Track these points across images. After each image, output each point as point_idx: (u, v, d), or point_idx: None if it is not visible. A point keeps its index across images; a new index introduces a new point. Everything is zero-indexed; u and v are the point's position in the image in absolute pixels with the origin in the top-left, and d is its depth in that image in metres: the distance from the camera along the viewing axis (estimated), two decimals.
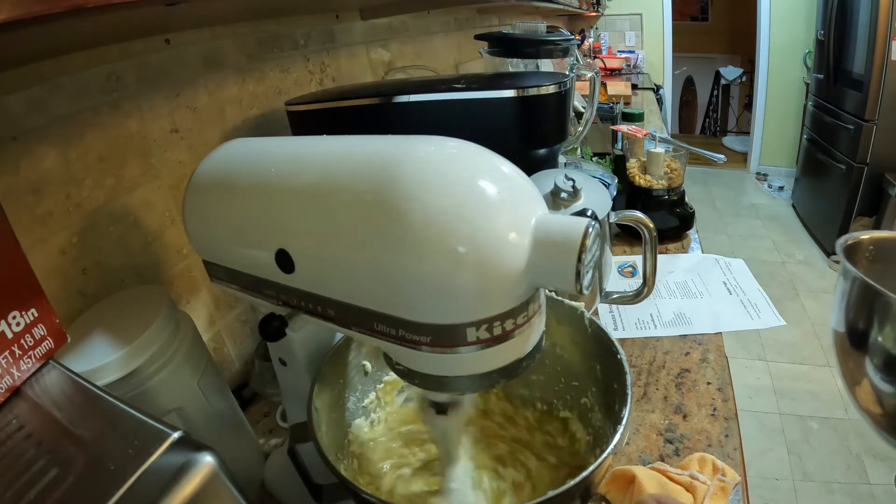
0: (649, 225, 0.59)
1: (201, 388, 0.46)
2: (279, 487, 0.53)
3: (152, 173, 0.57)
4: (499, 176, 0.30)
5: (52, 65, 0.45)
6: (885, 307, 0.35)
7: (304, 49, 0.82)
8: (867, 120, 2.41)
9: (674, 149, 1.01)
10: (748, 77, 4.51)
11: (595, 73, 0.89)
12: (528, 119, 0.61)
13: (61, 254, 0.48)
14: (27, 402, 0.27)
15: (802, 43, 3.47)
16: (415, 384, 0.33)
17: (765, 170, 3.98)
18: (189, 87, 0.61)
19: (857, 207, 2.57)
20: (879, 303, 0.35)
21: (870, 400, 0.37)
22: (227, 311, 0.69)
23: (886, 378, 0.35)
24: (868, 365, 0.36)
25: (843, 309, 0.39)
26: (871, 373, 0.36)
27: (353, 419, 0.47)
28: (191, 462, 0.22)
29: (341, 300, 0.33)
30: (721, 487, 0.48)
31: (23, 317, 0.29)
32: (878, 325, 0.35)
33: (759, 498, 1.47)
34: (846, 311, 0.38)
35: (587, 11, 2.68)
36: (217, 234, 0.40)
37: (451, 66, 1.46)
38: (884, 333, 0.35)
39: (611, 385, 0.43)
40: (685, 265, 0.92)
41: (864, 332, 0.36)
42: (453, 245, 0.27)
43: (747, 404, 1.80)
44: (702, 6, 4.75)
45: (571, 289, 0.27)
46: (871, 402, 0.37)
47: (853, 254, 0.42)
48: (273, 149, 0.39)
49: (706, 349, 0.70)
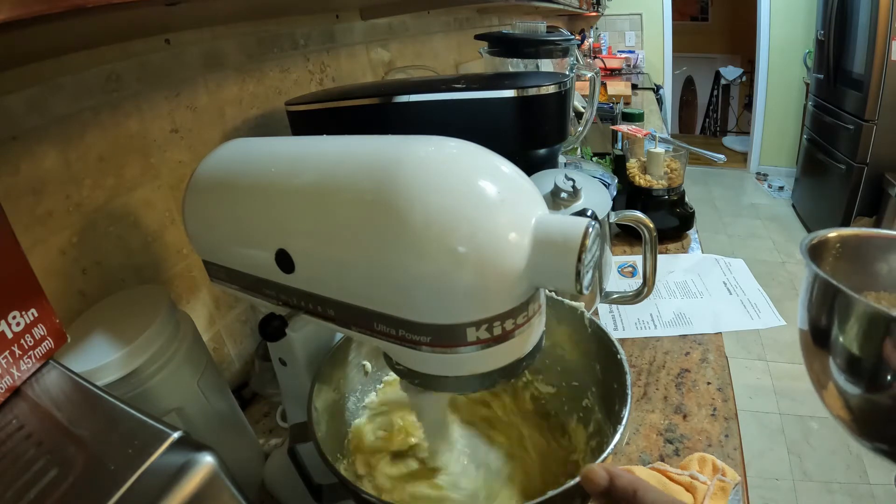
0: (649, 225, 0.59)
1: (201, 388, 0.46)
2: (279, 487, 0.53)
3: (152, 173, 0.57)
4: (499, 176, 0.30)
5: (52, 65, 0.45)
6: (845, 305, 0.33)
7: (304, 49, 0.82)
8: (867, 120, 2.41)
9: (674, 149, 1.01)
10: (748, 77, 4.51)
11: (595, 73, 0.89)
12: (528, 119, 0.61)
13: (61, 254, 0.48)
14: (27, 402, 0.27)
15: (802, 43, 3.47)
16: (415, 384, 0.33)
17: (765, 170, 3.98)
18: (189, 87, 0.61)
19: (857, 207, 2.57)
20: (839, 300, 0.34)
21: (837, 404, 0.36)
22: (227, 311, 0.69)
23: (850, 379, 0.34)
24: (832, 366, 0.35)
25: (806, 307, 0.38)
26: (835, 374, 0.35)
27: (353, 419, 0.47)
28: (191, 462, 0.22)
29: (341, 300, 0.33)
30: (721, 487, 0.48)
31: (23, 317, 0.29)
32: (838, 323, 0.34)
33: (759, 498, 1.47)
34: (809, 309, 0.37)
35: (587, 11, 2.68)
36: (217, 234, 0.40)
37: (451, 66, 1.46)
38: (845, 332, 0.33)
39: (611, 385, 0.43)
40: (685, 265, 0.92)
41: (825, 330, 0.35)
42: (453, 245, 0.27)
43: (747, 404, 1.80)
44: (702, 6, 4.75)
45: (571, 289, 0.27)
46: (838, 406, 0.36)
47: (820, 252, 0.41)
48: (273, 149, 0.39)
49: (706, 349, 0.70)
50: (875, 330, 0.32)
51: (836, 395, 0.35)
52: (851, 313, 0.33)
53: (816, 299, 0.37)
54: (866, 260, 0.41)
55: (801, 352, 0.39)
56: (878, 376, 0.32)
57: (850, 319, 0.33)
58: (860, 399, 0.34)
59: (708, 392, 0.63)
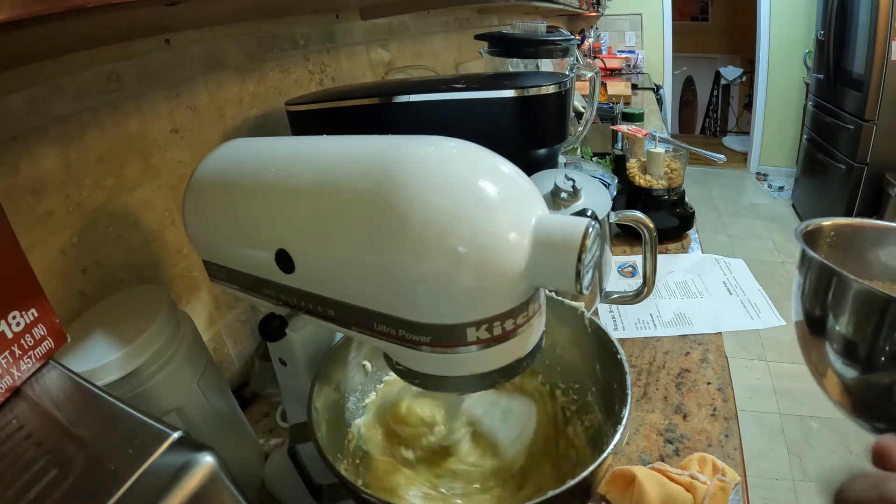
0: (649, 225, 0.59)
1: (201, 388, 0.46)
2: (279, 487, 0.53)
3: (152, 173, 0.57)
4: (499, 176, 0.30)
5: (52, 65, 0.45)
6: (841, 287, 0.34)
7: (304, 49, 0.82)
8: (867, 120, 2.41)
9: (674, 149, 1.01)
10: (748, 77, 4.51)
11: (595, 73, 0.89)
12: (528, 119, 0.61)
13: (61, 254, 0.48)
14: (27, 402, 0.27)
15: (802, 43, 3.47)
16: (415, 384, 0.33)
17: (765, 170, 3.98)
18: (189, 87, 0.61)
19: (857, 207, 2.57)
20: (836, 283, 0.34)
21: (836, 390, 0.36)
22: (227, 311, 0.69)
23: (847, 362, 0.34)
24: (829, 352, 0.35)
25: (800, 297, 0.38)
26: (832, 360, 0.35)
27: (353, 419, 0.47)
28: (191, 462, 0.22)
29: (341, 300, 0.33)
30: (721, 487, 0.48)
31: (23, 317, 0.29)
32: (833, 306, 0.34)
33: (759, 498, 1.47)
34: (803, 298, 0.38)
35: (587, 11, 2.68)
36: (217, 234, 0.40)
37: (451, 66, 1.46)
38: (840, 315, 0.34)
39: (611, 385, 0.43)
40: (685, 265, 0.92)
41: (821, 316, 0.35)
42: (453, 245, 0.27)
43: (747, 404, 1.80)
44: (702, 6, 4.75)
45: (571, 289, 0.27)
46: (837, 392, 0.36)
47: (814, 240, 0.42)
48: (273, 149, 0.39)
49: (706, 349, 0.70)
50: (870, 311, 0.33)
51: (835, 381, 0.36)
52: (847, 295, 0.34)
53: (811, 285, 0.37)
54: (859, 249, 0.42)
55: (799, 343, 0.39)
56: (873, 357, 0.33)
57: (846, 301, 0.34)
58: (858, 381, 0.35)
59: (708, 392, 0.63)
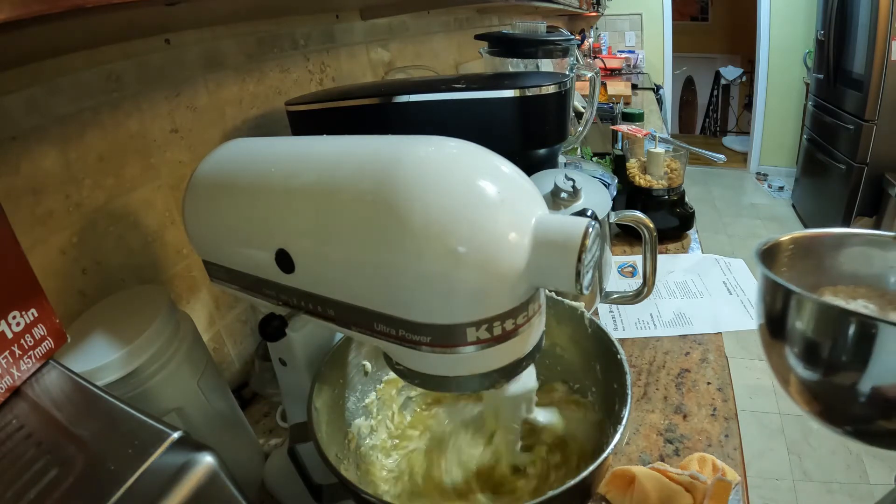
0: (649, 225, 0.59)
1: (201, 388, 0.46)
2: (279, 487, 0.53)
3: (152, 173, 0.57)
4: (499, 176, 0.30)
5: (52, 65, 0.45)
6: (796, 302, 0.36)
7: (304, 49, 0.82)
8: (867, 120, 2.41)
9: (674, 149, 1.01)
10: (748, 77, 4.51)
11: (595, 73, 0.89)
12: (528, 119, 0.61)
13: (61, 254, 0.48)
14: (27, 402, 0.27)
15: (802, 43, 3.47)
16: (415, 384, 0.33)
17: (765, 170, 3.98)
18: (189, 87, 0.61)
19: (857, 207, 2.57)
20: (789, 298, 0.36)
21: (802, 398, 0.38)
22: (227, 311, 0.69)
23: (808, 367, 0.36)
24: (790, 357, 0.37)
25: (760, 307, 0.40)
26: (794, 365, 0.37)
27: (353, 419, 0.47)
28: (191, 462, 0.22)
29: (341, 300, 0.33)
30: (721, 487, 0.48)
31: (23, 317, 0.29)
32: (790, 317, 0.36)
33: (759, 498, 1.47)
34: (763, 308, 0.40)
35: (587, 11, 2.68)
36: (217, 234, 0.40)
37: (451, 66, 1.46)
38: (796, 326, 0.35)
39: (611, 385, 0.43)
40: (685, 265, 0.92)
41: (780, 326, 0.37)
42: (453, 245, 0.27)
43: (747, 404, 1.80)
44: (702, 6, 4.75)
45: (571, 289, 0.27)
46: (803, 401, 0.38)
47: (775, 255, 0.43)
48: (273, 149, 0.39)
49: (706, 349, 0.70)
50: (823, 321, 0.35)
51: (800, 387, 0.37)
52: (800, 309, 0.35)
53: (767, 298, 0.38)
54: (820, 258, 0.44)
55: (762, 348, 0.40)
56: (831, 361, 0.34)
57: (800, 314, 0.35)
58: (820, 385, 0.36)
59: (708, 392, 0.63)
